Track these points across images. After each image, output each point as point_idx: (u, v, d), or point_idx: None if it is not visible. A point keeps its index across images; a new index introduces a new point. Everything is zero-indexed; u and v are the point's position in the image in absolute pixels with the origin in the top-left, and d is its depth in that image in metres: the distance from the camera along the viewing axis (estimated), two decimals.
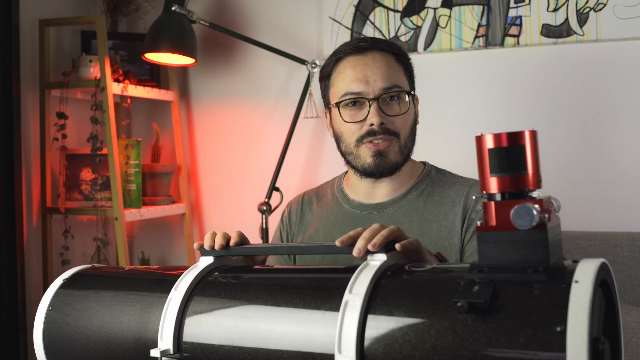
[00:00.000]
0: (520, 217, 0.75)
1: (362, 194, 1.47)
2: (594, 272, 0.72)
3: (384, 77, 1.38)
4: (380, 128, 1.37)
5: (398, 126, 1.39)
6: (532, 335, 0.70)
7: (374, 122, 1.37)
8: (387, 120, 1.38)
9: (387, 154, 1.39)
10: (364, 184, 1.46)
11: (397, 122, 1.39)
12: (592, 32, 2.15)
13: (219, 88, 2.67)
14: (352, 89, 1.39)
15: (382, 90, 1.38)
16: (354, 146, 1.41)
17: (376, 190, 1.46)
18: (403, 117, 1.40)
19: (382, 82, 1.38)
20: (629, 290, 1.92)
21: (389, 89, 1.38)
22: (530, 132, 0.79)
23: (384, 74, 1.39)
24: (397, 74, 1.41)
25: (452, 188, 1.43)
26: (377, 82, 1.38)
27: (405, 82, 1.43)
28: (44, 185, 2.34)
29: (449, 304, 0.77)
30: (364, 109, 1.38)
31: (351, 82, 1.39)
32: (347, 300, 0.82)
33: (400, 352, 0.77)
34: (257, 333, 0.90)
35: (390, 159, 1.39)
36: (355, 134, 1.40)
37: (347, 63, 1.42)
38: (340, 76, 1.42)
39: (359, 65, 1.40)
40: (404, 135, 1.41)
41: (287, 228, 1.56)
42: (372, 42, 1.42)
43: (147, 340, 0.99)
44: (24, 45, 2.30)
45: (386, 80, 1.38)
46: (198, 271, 1.03)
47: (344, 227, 1.45)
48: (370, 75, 1.38)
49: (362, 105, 1.39)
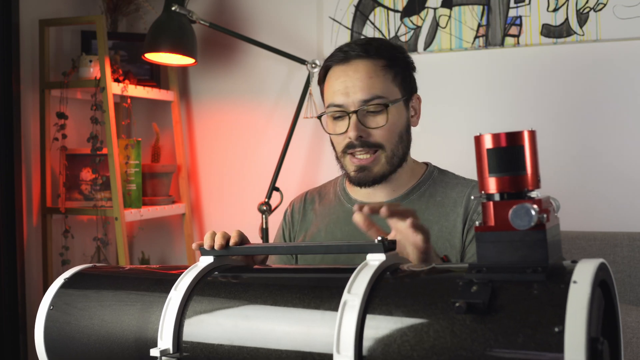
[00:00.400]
0: (518, 217, 0.75)
1: (363, 193, 1.48)
2: (593, 272, 0.72)
3: (364, 89, 1.36)
4: (360, 141, 1.37)
5: (380, 138, 1.38)
6: (531, 336, 0.70)
7: (351, 136, 1.37)
8: (366, 134, 1.37)
9: (371, 168, 1.39)
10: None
11: (377, 135, 1.38)
12: (592, 32, 2.15)
13: (219, 88, 2.67)
14: (335, 100, 1.39)
15: (361, 103, 1.37)
16: (340, 156, 1.43)
17: (376, 192, 1.46)
18: (384, 129, 1.38)
19: (362, 94, 1.36)
20: (629, 290, 1.92)
21: (367, 101, 1.36)
22: (529, 132, 0.79)
23: (363, 86, 1.37)
24: (380, 84, 1.38)
25: (454, 189, 1.43)
26: (356, 94, 1.37)
27: (394, 90, 1.40)
28: (44, 185, 2.34)
29: (448, 304, 0.77)
30: (346, 121, 1.38)
31: (334, 94, 1.40)
32: (345, 300, 0.82)
33: (398, 352, 0.78)
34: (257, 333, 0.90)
35: (374, 172, 1.39)
36: (340, 144, 1.41)
37: (332, 73, 1.42)
38: (328, 86, 1.43)
39: (341, 76, 1.39)
40: (390, 145, 1.39)
41: (289, 226, 1.56)
42: (359, 50, 1.40)
43: (147, 340, 0.99)
44: (24, 45, 2.30)
45: (366, 92, 1.36)
46: (198, 271, 1.03)
47: (345, 226, 1.45)
48: (351, 87, 1.37)
49: (344, 117, 1.39)
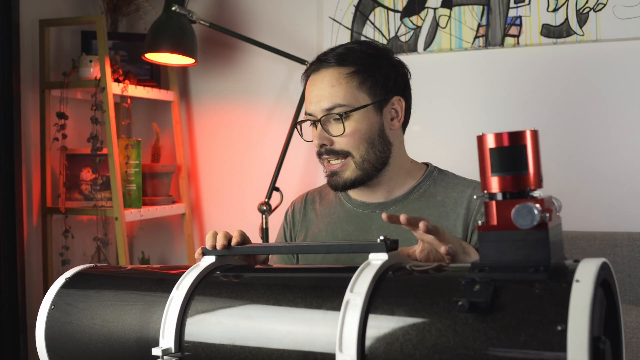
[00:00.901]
0: (521, 216, 0.75)
1: (362, 194, 1.48)
2: (595, 271, 0.73)
3: (326, 98, 1.38)
4: (324, 149, 1.39)
5: (344, 145, 1.38)
6: (533, 335, 0.70)
7: (315, 144, 1.41)
8: (329, 141, 1.39)
9: (341, 174, 1.41)
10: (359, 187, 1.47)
11: (342, 142, 1.38)
12: (592, 32, 2.15)
13: (219, 88, 2.67)
14: (307, 109, 1.42)
15: (324, 111, 1.38)
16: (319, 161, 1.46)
17: (374, 192, 1.46)
18: (348, 135, 1.37)
19: (325, 103, 1.38)
20: (629, 290, 1.93)
21: (329, 109, 1.38)
22: (532, 131, 0.79)
23: (326, 95, 1.38)
24: (342, 92, 1.37)
25: (455, 189, 1.44)
26: (320, 103, 1.39)
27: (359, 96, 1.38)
28: (44, 185, 2.34)
29: (450, 303, 0.77)
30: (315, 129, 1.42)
31: (307, 103, 1.43)
32: (348, 300, 0.83)
33: (401, 351, 0.78)
34: (259, 332, 0.90)
35: (344, 177, 1.40)
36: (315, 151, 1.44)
37: (309, 81, 1.44)
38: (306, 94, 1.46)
39: (312, 85, 1.42)
40: (358, 151, 1.38)
41: (290, 226, 1.57)
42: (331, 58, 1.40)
43: (148, 339, 0.99)
44: (24, 45, 2.30)
45: (327, 100, 1.38)
46: (200, 270, 1.03)
47: (346, 226, 1.45)
48: (315, 96, 1.40)
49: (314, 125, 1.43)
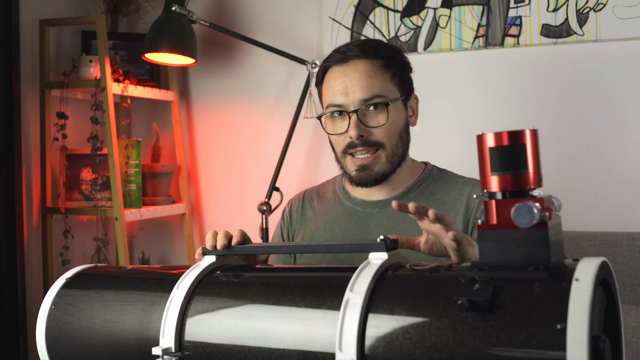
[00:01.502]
0: (521, 215, 0.75)
1: (362, 191, 1.48)
2: (595, 270, 0.73)
3: (363, 88, 1.37)
4: (360, 140, 1.38)
5: (380, 137, 1.39)
6: (533, 333, 0.70)
7: (352, 135, 1.38)
8: (366, 132, 1.38)
9: (372, 167, 1.40)
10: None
11: (378, 133, 1.39)
12: (592, 32, 2.15)
13: (219, 88, 2.67)
14: (334, 101, 1.40)
15: (361, 102, 1.38)
16: (340, 156, 1.44)
17: (374, 190, 1.46)
18: (384, 127, 1.38)
19: (361, 94, 1.37)
20: (629, 290, 1.93)
21: (367, 100, 1.37)
22: (531, 131, 0.79)
23: (363, 85, 1.38)
24: (380, 83, 1.39)
25: (454, 187, 1.44)
26: (356, 94, 1.37)
27: (392, 89, 1.41)
28: (44, 185, 2.34)
29: (450, 301, 0.77)
30: (346, 121, 1.39)
31: (333, 94, 1.40)
32: (348, 299, 0.83)
33: (401, 349, 0.78)
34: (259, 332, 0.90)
35: (375, 171, 1.40)
36: (340, 145, 1.42)
37: (331, 73, 1.42)
38: (326, 87, 1.44)
39: (340, 76, 1.40)
40: (390, 144, 1.40)
41: (287, 225, 1.57)
42: (357, 50, 1.40)
43: (149, 339, 0.99)
44: (24, 45, 2.30)
45: (365, 91, 1.37)
46: (200, 270, 1.03)
47: (345, 224, 1.45)
48: (350, 87, 1.38)
49: (344, 117, 1.40)
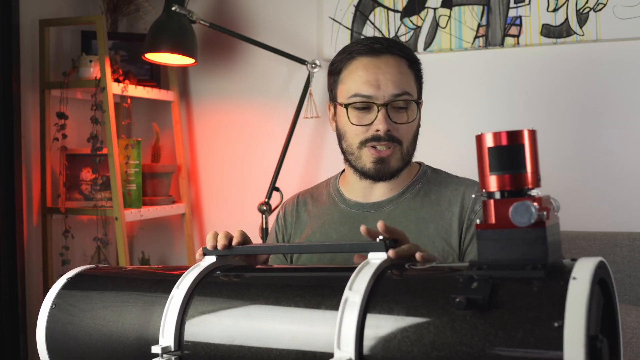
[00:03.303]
0: (519, 214, 0.76)
1: (359, 193, 1.47)
2: (592, 269, 0.73)
3: (395, 83, 1.37)
4: (386, 135, 1.37)
5: (402, 134, 1.39)
6: (530, 331, 0.70)
7: (380, 128, 1.36)
8: (393, 128, 1.37)
9: (389, 161, 1.39)
10: (362, 183, 1.46)
11: (402, 130, 1.39)
12: (592, 32, 2.15)
13: (219, 88, 2.68)
14: (363, 91, 1.38)
15: (392, 97, 1.37)
16: (357, 148, 1.41)
17: (374, 190, 1.46)
18: (408, 125, 1.39)
19: (393, 88, 1.37)
20: (628, 290, 1.93)
21: (398, 95, 1.37)
22: (530, 131, 0.80)
23: (395, 80, 1.37)
24: (408, 81, 1.40)
25: (448, 187, 1.44)
26: (388, 88, 1.37)
27: (415, 90, 1.42)
28: (44, 185, 2.34)
29: (448, 300, 0.77)
30: (372, 113, 1.38)
31: (362, 84, 1.38)
32: (346, 298, 0.83)
33: (399, 348, 0.78)
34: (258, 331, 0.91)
35: (391, 165, 1.40)
36: (360, 136, 1.39)
37: (359, 63, 1.40)
38: (352, 75, 1.40)
39: (371, 67, 1.38)
40: (407, 142, 1.41)
41: (282, 229, 1.55)
42: (386, 45, 1.40)
43: (148, 338, 0.99)
44: (24, 45, 2.30)
45: (397, 86, 1.37)
46: (200, 270, 1.03)
47: (340, 227, 1.45)
48: (382, 80, 1.37)
49: (370, 109, 1.38)
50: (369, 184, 1.45)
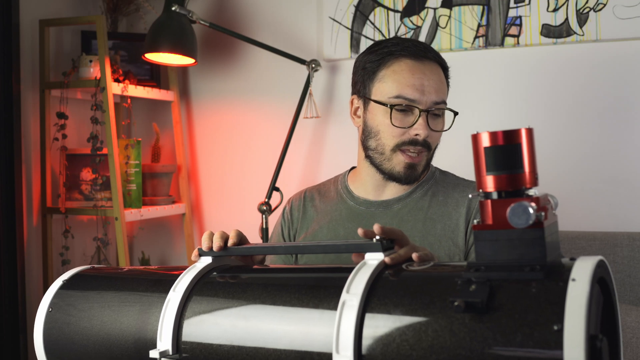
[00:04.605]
0: (516, 215, 0.75)
1: (370, 190, 1.48)
2: (591, 269, 0.72)
3: (437, 91, 1.39)
4: (423, 140, 1.39)
5: (434, 141, 1.43)
6: (530, 334, 0.70)
7: (420, 133, 1.37)
8: (430, 134, 1.39)
9: (418, 167, 1.41)
10: (375, 181, 1.46)
11: (434, 137, 1.42)
12: (592, 32, 2.14)
13: (219, 88, 2.67)
14: (407, 94, 1.37)
15: (433, 104, 1.38)
16: (390, 149, 1.40)
17: (385, 189, 1.47)
18: (439, 133, 1.43)
19: (435, 96, 1.38)
20: (628, 290, 1.92)
21: (438, 103, 1.39)
22: (527, 129, 0.79)
23: (437, 88, 1.39)
24: (445, 90, 1.43)
25: (456, 189, 1.45)
26: (431, 95, 1.38)
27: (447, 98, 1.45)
28: (44, 185, 2.34)
29: (446, 303, 0.77)
30: (411, 117, 1.38)
31: (407, 87, 1.37)
32: (344, 300, 0.82)
33: (397, 351, 0.77)
34: (256, 333, 0.90)
35: (418, 171, 1.42)
36: (396, 138, 1.39)
37: (404, 65, 1.39)
38: (396, 76, 1.39)
39: (417, 72, 1.38)
40: (433, 148, 1.45)
41: (288, 224, 1.55)
42: (428, 50, 1.42)
43: (146, 341, 0.99)
44: (24, 45, 2.30)
45: (438, 94, 1.39)
46: (196, 271, 1.03)
47: (348, 224, 1.45)
48: (427, 86, 1.38)
49: (409, 112, 1.38)
50: (383, 182, 1.45)
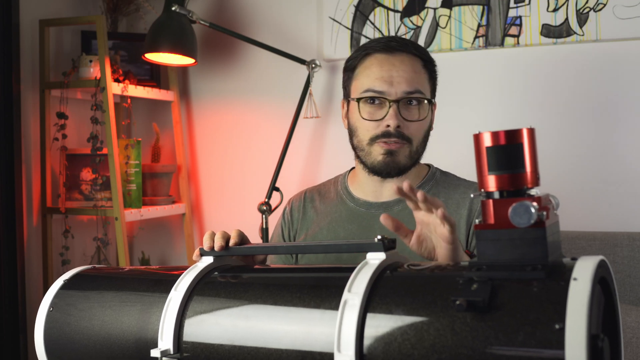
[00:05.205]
0: (518, 215, 0.75)
1: (368, 192, 1.47)
2: (593, 269, 0.72)
3: (408, 81, 1.39)
4: (396, 131, 1.38)
5: (412, 131, 1.40)
6: (531, 333, 0.70)
7: (390, 124, 1.37)
8: (403, 124, 1.38)
9: (397, 155, 1.40)
10: (372, 183, 1.46)
11: (412, 128, 1.40)
12: (592, 32, 2.15)
13: (219, 88, 2.67)
14: (375, 86, 1.39)
15: (404, 94, 1.38)
16: (367, 144, 1.42)
17: (383, 190, 1.46)
18: (419, 123, 1.41)
19: (406, 86, 1.38)
20: (629, 290, 1.92)
21: (411, 93, 1.39)
22: (528, 129, 0.79)
23: (408, 78, 1.39)
24: (422, 80, 1.42)
25: (457, 190, 1.44)
26: (400, 85, 1.38)
27: (428, 89, 1.44)
28: (44, 185, 2.34)
29: (448, 302, 0.77)
30: (383, 109, 1.39)
31: (375, 80, 1.39)
32: (346, 299, 0.82)
33: (399, 350, 0.77)
34: (257, 332, 0.90)
35: (399, 160, 1.40)
36: (371, 132, 1.40)
37: (374, 60, 1.42)
38: (366, 72, 1.42)
39: (385, 64, 1.40)
40: (417, 141, 1.42)
41: (289, 225, 1.55)
42: (402, 43, 1.42)
43: (147, 340, 0.99)
44: (24, 45, 2.30)
45: (410, 84, 1.39)
46: (198, 271, 1.03)
47: (348, 225, 1.45)
48: (395, 77, 1.38)
49: (382, 105, 1.40)
50: (379, 182, 1.45)
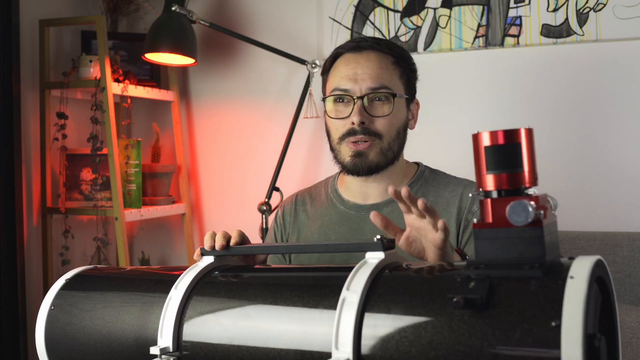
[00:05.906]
0: (516, 213, 0.76)
1: (356, 194, 1.47)
2: (589, 268, 0.73)
3: (373, 77, 1.39)
4: (361, 127, 1.37)
5: (380, 127, 1.39)
6: (528, 331, 0.70)
7: (354, 120, 1.37)
8: (368, 120, 1.38)
9: (367, 155, 1.39)
10: (356, 183, 1.46)
11: (379, 124, 1.39)
12: (592, 32, 2.15)
13: (219, 88, 2.68)
14: (341, 85, 1.40)
15: (369, 90, 1.38)
16: (337, 143, 1.43)
17: (368, 191, 1.45)
18: (387, 119, 1.39)
19: (371, 82, 1.38)
20: (628, 290, 1.92)
21: (376, 89, 1.38)
22: (526, 129, 0.80)
23: (373, 74, 1.39)
24: (389, 76, 1.41)
25: (446, 188, 1.43)
26: (365, 82, 1.38)
27: (399, 86, 1.42)
28: (44, 185, 2.34)
29: (446, 300, 0.77)
30: (349, 107, 1.39)
31: (341, 79, 1.41)
32: (344, 297, 0.83)
33: (397, 348, 0.78)
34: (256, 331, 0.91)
35: (369, 159, 1.39)
36: (339, 130, 1.41)
37: (342, 60, 1.43)
38: (334, 72, 1.44)
39: (351, 63, 1.41)
40: (388, 137, 1.40)
41: (281, 229, 1.55)
42: (372, 42, 1.43)
43: (147, 339, 0.99)
44: (24, 45, 2.30)
45: (375, 80, 1.38)
46: (198, 270, 1.03)
47: (339, 228, 1.45)
48: (360, 74, 1.39)
49: (348, 102, 1.40)
50: (362, 182, 1.45)
